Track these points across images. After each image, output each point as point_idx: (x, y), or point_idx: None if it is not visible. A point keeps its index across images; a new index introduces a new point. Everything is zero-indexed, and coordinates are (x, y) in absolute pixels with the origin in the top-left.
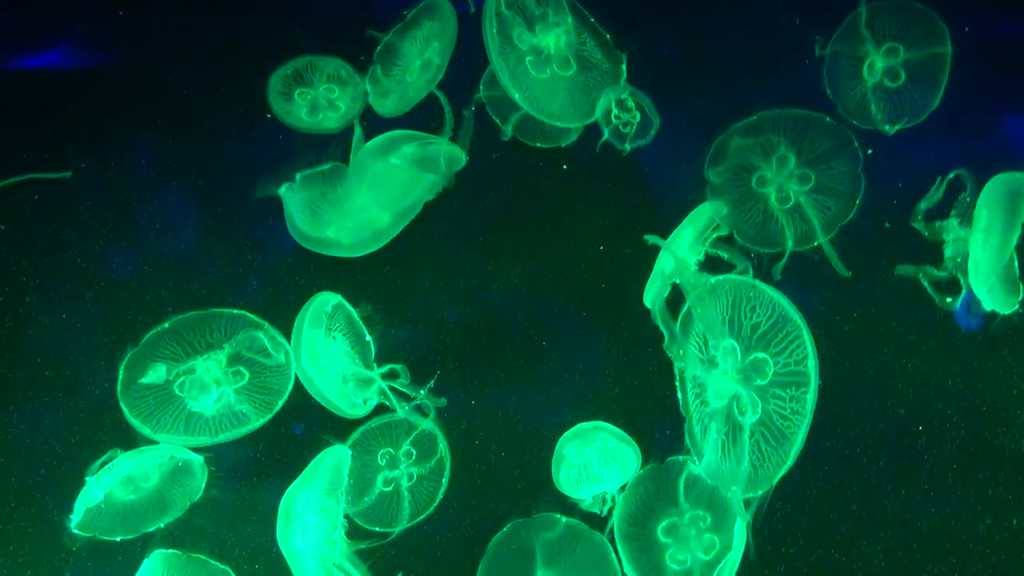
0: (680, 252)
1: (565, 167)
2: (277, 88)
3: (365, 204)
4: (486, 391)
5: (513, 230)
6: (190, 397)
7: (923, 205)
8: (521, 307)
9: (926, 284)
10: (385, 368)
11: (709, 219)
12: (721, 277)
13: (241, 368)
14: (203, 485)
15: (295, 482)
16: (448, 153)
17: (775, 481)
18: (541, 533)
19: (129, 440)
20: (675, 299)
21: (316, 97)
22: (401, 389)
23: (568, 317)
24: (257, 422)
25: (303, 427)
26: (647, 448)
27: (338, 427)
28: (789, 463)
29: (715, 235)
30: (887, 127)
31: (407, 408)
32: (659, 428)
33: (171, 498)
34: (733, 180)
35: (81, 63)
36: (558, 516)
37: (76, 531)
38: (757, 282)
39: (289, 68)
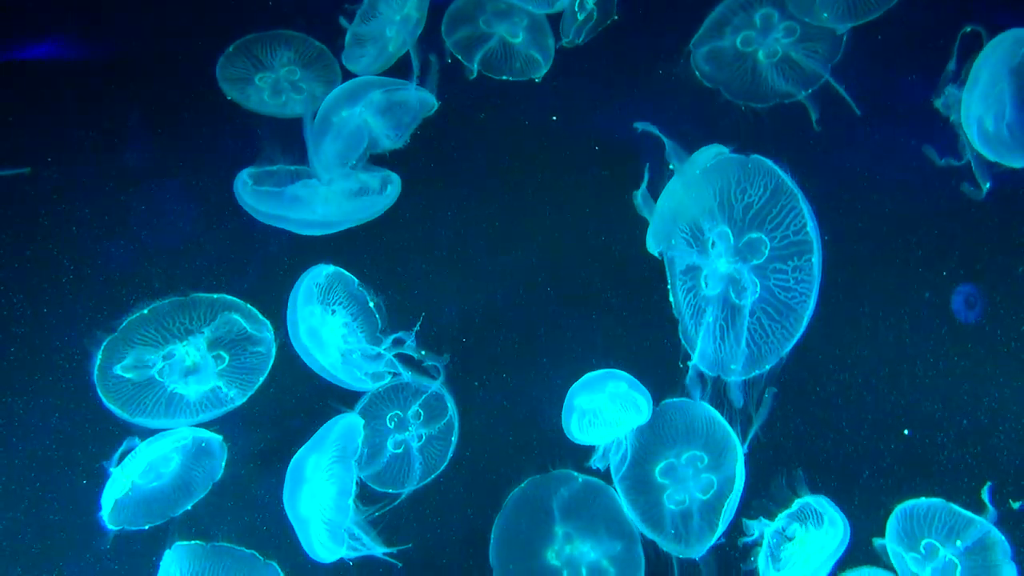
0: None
1: (555, 118)
2: (228, 74)
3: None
4: (493, 349)
5: (508, 182)
6: (171, 381)
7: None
8: (523, 263)
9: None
10: (390, 338)
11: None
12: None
13: (221, 352)
14: (223, 464)
15: (304, 448)
16: (417, 98)
17: (784, 353)
18: (559, 488)
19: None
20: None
21: (278, 80)
22: (409, 353)
23: (573, 270)
24: (239, 401)
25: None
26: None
27: (346, 392)
28: (798, 334)
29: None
30: None
31: (413, 373)
32: (667, 375)
33: (194, 480)
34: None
35: (59, 55)
36: (575, 473)
37: (109, 526)
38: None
39: (235, 49)
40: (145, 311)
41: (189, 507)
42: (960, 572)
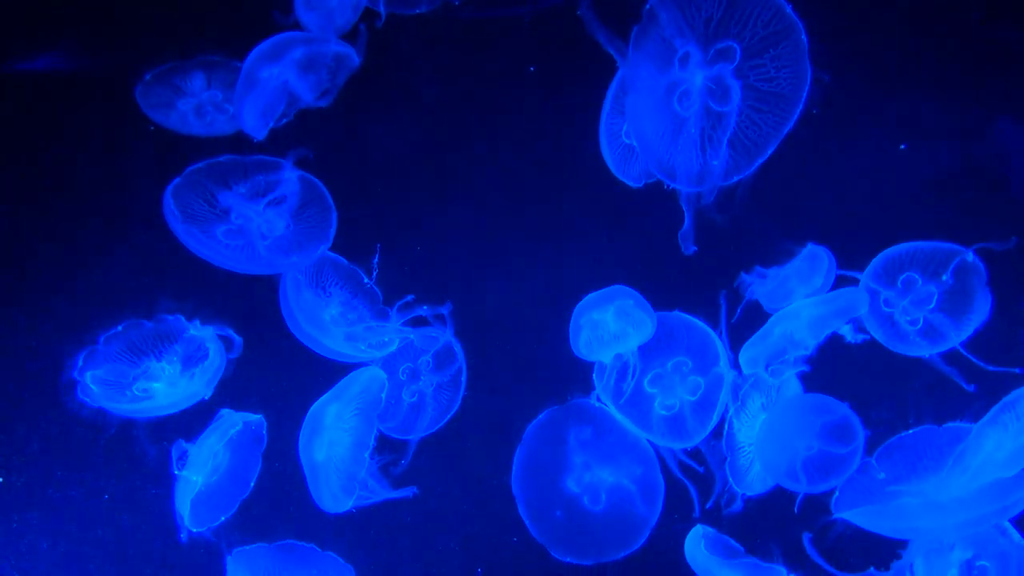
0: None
1: (532, 68)
2: (148, 101)
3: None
4: (490, 294)
5: (472, 122)
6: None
7: None
8: (497, 203)
9: None
10: (395, 306)
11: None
12: None
13: (194, 370)
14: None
15: (326, 396)
16: (336, 53)
17: (781, 136)
18: (577, 419)
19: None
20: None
21: (200, 104)
22: (414, 312)
23: (547, 200)
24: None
25: None
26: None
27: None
28: (794, 117)
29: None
30: None
31: (419, 332)
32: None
33: (248, 464)
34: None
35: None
36: (594, 402)
37: (193, 529)
38: None
39: (153, 78)
40: (119, 327)
41: (252, 485)
42: (936, 300)
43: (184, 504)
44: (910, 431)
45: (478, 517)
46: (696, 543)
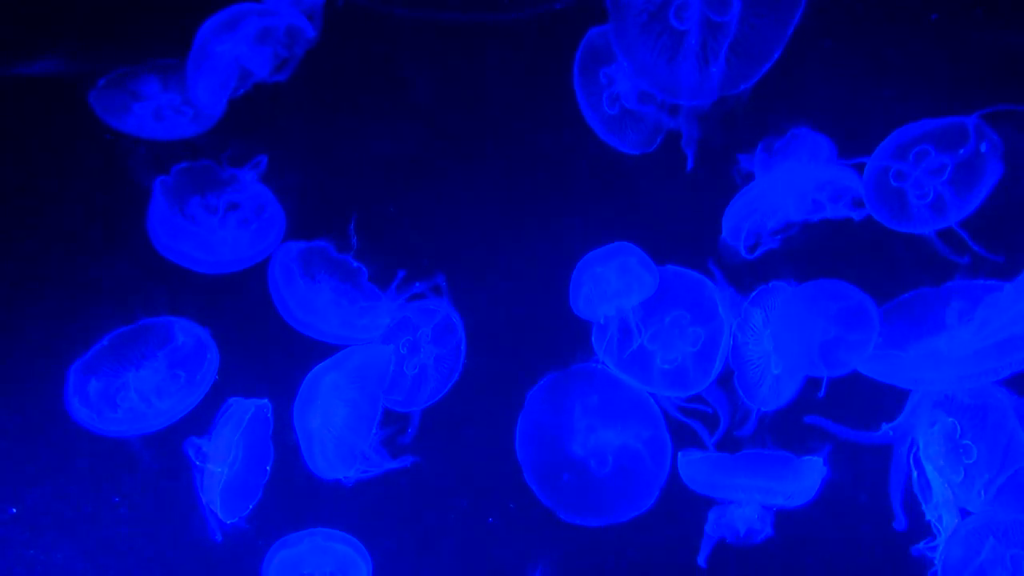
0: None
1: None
2: (103, 105)
3: None
4: (490, 262)
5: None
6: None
7: None
8: (480, 172)
9: None
10: (391, 288)
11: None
12: None
13: (179, 371)
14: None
15: (325, 363)
16: (289, 25)
17: (784, 41)
18: (579, 383)
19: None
20: None
21: (159, 108)
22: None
23: (535, 169)
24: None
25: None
26: None
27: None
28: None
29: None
30: None
31: (419, 307)
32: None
33: (264, 450)
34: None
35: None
36: (596, 364)
37: (227, 521)
38: None
39: (107, 82)
40: (105, 342)
41: (268, 469)
42: (949, 172)
43: (214, 497)
44: (907, 295)
45: (484, 484)
46: (689, 462)
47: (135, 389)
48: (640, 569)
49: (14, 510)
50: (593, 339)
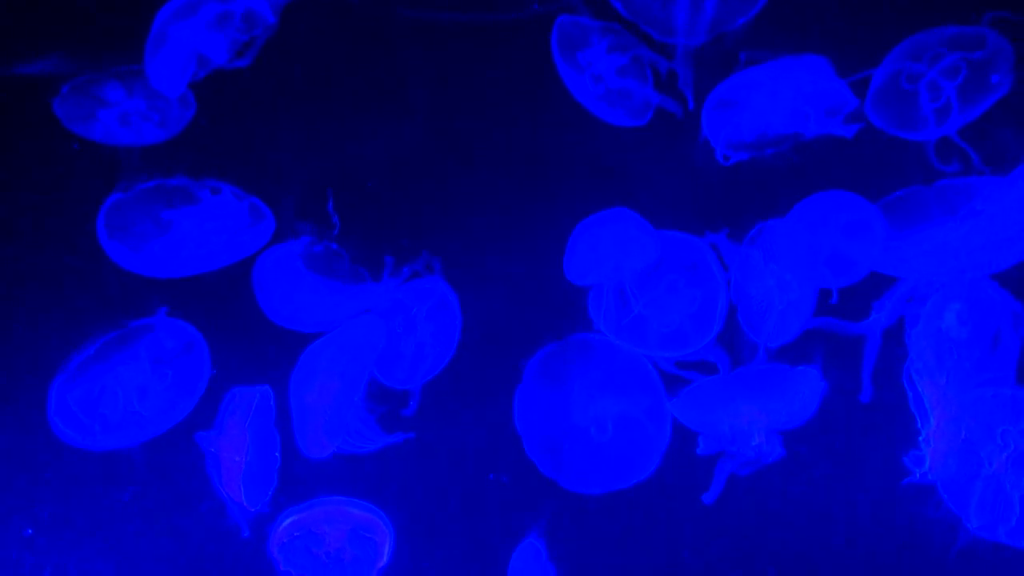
0: None
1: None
2: (67, 113)
3: None
4: (483, 237)
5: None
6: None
7: None
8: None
9: None
10: (385, 273)
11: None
12: None
13: (164, 368)
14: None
15: (321, 340)
16: (247, 10)
17: None
18: (576, 353)
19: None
20: None
21: (126, 113)
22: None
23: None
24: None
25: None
26: None
27: None
28: None
29: None
30: None
31: (412, 287)
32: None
33: (271, 435)
34: None
35: None
36: (593, 335)
37: (251, 508)
38: None
39: (71, 90)
40: (92, 351)
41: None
42: (963, 75)
43: (236, 487)
44: (900, 191)
45: (485, 456)
46: (684, 397)
47: (124, 397)
48: (642, 534)
49: (30, 531)
50: (589, 309)
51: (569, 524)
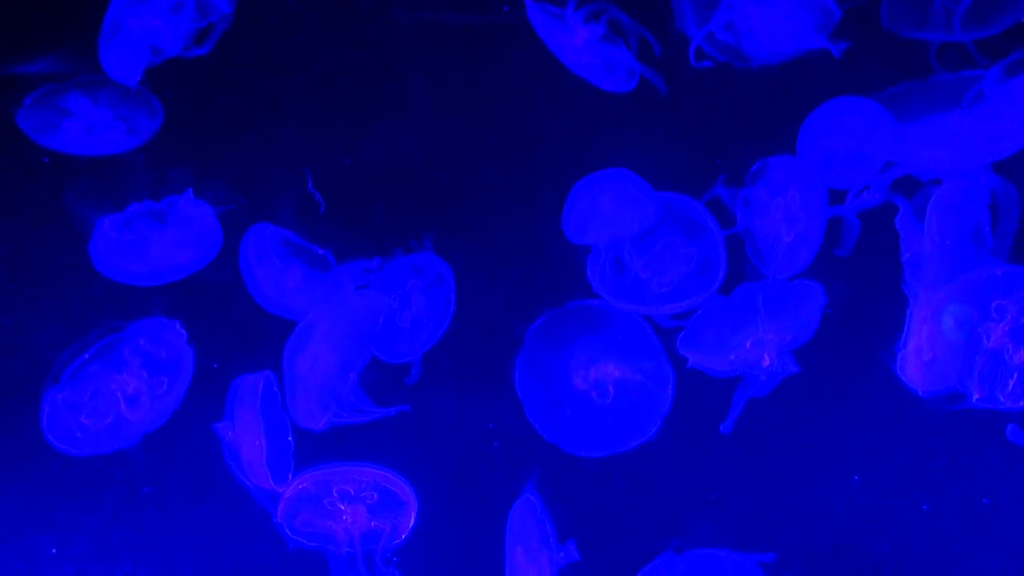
0: None
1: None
2: (31, 125)
3: None
4: (476, 206)
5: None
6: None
7: None
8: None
9: None
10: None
11: None
12: None
13: (162, 375)
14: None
15: (317, 311)
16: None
17: None
18: (576, 318)
19: None
20: None
21: (91, 124)
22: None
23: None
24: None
25: None
26: None
27: None
28: None
29: None
30: None
31: (406, 262)
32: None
33: (281, 418)
34: None
35: None
36: (593, 300)
37: (278, 489)
38: None
39: (34, 101)
40: (86, 356)
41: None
42: None
43: (261, 472)
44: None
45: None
46: (687, 330)
47: (119, 401)
48: (645, 497)
49: (54, 550)
50: (588, 274)
51: (569, 488)
